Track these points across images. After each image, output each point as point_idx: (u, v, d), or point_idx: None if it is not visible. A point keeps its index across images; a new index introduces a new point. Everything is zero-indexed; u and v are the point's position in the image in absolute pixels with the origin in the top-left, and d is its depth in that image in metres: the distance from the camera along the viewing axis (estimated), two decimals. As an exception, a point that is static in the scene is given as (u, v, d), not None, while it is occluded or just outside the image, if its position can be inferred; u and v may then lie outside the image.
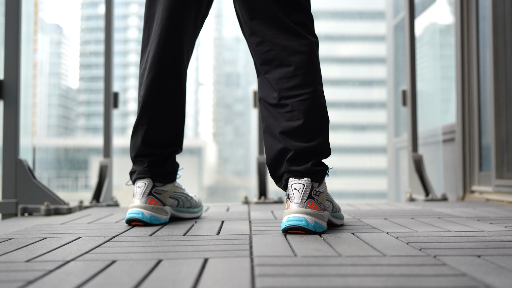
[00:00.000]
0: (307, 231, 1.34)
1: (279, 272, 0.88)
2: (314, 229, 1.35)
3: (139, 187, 1.62)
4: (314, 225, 1.35)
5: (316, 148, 1.42)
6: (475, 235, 1.31)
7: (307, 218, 1.34)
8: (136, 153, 1.67)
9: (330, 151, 1.46)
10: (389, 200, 5.60)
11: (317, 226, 1.36)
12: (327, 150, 1.45)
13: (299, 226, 1.33)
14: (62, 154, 4.69)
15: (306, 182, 1.38)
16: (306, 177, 1.38)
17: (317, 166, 1.42)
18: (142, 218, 1.59)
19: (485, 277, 0.84)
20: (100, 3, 4.06)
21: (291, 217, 1.34)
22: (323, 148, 1.44)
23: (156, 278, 0.86)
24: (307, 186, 1.37)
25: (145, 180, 1.63)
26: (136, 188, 1.63)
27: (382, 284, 0.80)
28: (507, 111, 2.60)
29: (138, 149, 1.66)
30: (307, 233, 1.35)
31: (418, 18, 3.75)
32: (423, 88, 3.63)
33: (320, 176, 1.42)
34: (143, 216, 1.59)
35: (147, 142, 1.66)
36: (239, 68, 33.20)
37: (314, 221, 1.35)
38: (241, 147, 24.25)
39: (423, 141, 3.44)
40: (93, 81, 7.94)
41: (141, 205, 1.60)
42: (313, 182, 1.39)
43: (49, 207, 2.31)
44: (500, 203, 2.48)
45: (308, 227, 1.33)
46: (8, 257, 1.08)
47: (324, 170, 1.43)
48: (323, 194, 1.42)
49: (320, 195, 1.41)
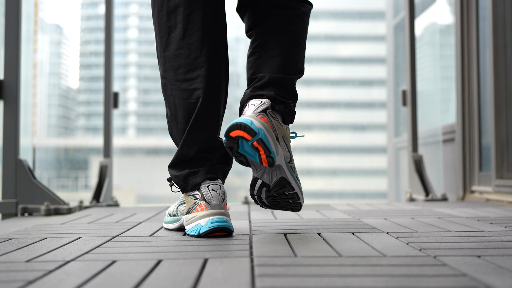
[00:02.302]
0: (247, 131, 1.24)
1: (279, 272, 0.88)
2: (258, 132, 1.24)
3: (214, 190, 1.34)
4: (258, 130, 1.24)
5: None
6: (475, 235, 1.31)
7: (251, 120, 1.26)
8: (201, 147, 1.39)
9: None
10: (389, 200, 5.60)
11: (262, 133, 1.25)
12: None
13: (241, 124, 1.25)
14: (62, 154, 4.69)
15: (266, 100, 1.34)
16: (266, 98, 1.35)
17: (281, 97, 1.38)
18: (230, 227, 1.33)
19: (485, 277, 0.84)
20: (100, 3, 4.06)
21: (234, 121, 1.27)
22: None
23: (156, 278, 0.86)
24: (264, 103, 1.34)
25: (218, 182, 1.37)
26: (210, 191, 1.34)
27: (382, 284, 0.80)
28: (507, 111, 2.60)
29: (205, 142, 1.39)
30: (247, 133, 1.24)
31: (418, 18, 3.75)
32: (423, 88, 3.63)
33: (285, 110, 1.37)
34: (230, 225, 1.34)
35: (215, 134, 1.42)
36: (239, 68, 33.24)
37: (259, 128, 1.25)
38: (241, 147, 24.19)
39: (423, 141, 3.44)
40: (93, 81, 7.94)
41: (223, 212, 1.33)
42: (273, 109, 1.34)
43: (49, 207, 2.31)
44: (500, 203, 2.48)
45: (249, 126, 1.24)
46: (8, 257, 1.08)
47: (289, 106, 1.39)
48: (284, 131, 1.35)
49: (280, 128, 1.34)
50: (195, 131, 1.39)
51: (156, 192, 10.16)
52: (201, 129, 1.39)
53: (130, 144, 14.36)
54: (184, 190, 1.40)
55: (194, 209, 1.36)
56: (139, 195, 9.66)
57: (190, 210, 1.37)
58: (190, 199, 1.38)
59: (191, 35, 1.42)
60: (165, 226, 1.53)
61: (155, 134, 17.82)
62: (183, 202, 1.44)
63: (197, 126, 1.39)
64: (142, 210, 2.23)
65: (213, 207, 1.33)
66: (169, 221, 1.51)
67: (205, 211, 1.33)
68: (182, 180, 1.39)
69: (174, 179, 1.42)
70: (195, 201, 1.36)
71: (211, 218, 1.31)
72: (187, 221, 1.37)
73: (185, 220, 1.39)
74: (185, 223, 1.39)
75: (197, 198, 1.36)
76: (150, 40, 19.42)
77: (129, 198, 8.49)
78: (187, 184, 1.38)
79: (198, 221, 1.33)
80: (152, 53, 21.02)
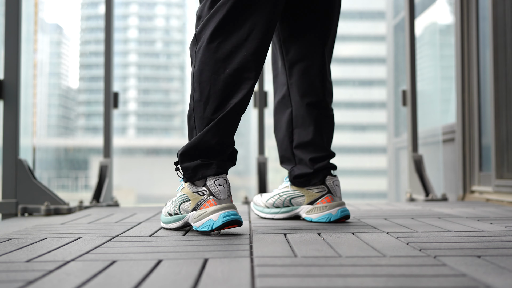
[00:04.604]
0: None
1: (279, 272, 0.88)
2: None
3: (221, 185, 1.39)
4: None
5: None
6: (475, 235, 1.31)
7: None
8: (222, 140, 1.43)
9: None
10: (389, 200, 5.60)
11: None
12: None
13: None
14: (62, 154, 4.69)
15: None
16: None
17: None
18: (241, 219, 1.40)
19: (485, 278, 0.84)
20: (100, 3, 4.06)
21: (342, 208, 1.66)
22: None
23: (156, 278, 0.86)
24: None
25: (224, 176, 1.42)
26: (217, 186, 1.38)
27: (382, 285, 0.80)
28: (507, 111, 2.60)
29: (227, 137, 1.45)
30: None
31: (418, 18, 3.75)
32: (423, 88, 3.63)
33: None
34: (240, 217, 1.40)
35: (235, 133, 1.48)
36: (239, 68, 33.10)
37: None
38: (241, 147, 24.24)
39: (423, 141, 3.44)
40: (93, 81, 7.94)
41: (232, 205, 1.39)
42: None
43: (49, 207, 2.31)
44: (500, 203, 2.48)
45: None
46: (8, 257, 1.08)
47: None
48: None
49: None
50: (224, 124, 1.43)
51: (156, 192, 10.17)
52: (230, 125, 1.44)
53: (130, 144, 14.38)
54: (190, 179, 1.42)
55: (202, 205, 1.38)
56: (139, 195, 9.67)
57: (197, 206, 1.40)
58: (196, 196, 1.40)
59: (253, 40, 1.46)
60: (166, 226, 1.52)
61: (155, 134, 17.84)
62: (186, 199, 1.43)
63: (227, 121, 1.43)
64: (142, 210, 2.23)
65: (222, 202, 1.37)
66: (170, 220, 1.50)
67: (215, 206, 1.36)
68: (192, 170, 1.41)
69: (184, 168, 1.43)
70: (202, 197, 1.39)
71: (223, 213, 1.35)
72: (196, 218, 1.39)
73: (193, 217, 1.40)
74: (192, 220, 1.41)
75: (205, 194, 1.39)
76: (150, 40, 19.43)
77: (129, 198, 8.49)
78: (195, 174, 1.41)
79: (209, 216, 1.36)
80: (152, 53, 20.86)
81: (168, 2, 18.27)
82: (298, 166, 1.74)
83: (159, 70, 17.75)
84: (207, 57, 1.46)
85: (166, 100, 18.38)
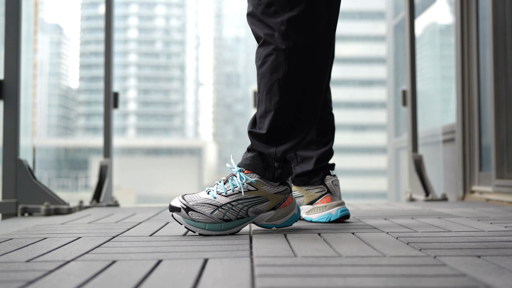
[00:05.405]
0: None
1: (279, 272, 0.88)
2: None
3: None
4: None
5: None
6: (475, 235, 1.31)
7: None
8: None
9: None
10: (389, 200, 5.60)
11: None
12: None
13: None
14: (62, 154, 4.69)
15: None
16: None
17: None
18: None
19: (485, 278, 0.84)
20: (100, 3, 4.06)
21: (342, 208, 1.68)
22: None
23: (156, 278, 0.86)
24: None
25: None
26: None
27: (382, 285, 0.80)
28: (507, 111, 2.60)
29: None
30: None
31: (418, 18, 3.75)
32: (423, 88, 3.63)
33: None
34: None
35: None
36: (239, 68, 33.21)
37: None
38: (241, 147, 24.22)
39: (423, 141, 3.44)
40: (93, 81, 7.94)
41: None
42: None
43: (49, 207, 2.31)
44: (500, 203, 2.48)
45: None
46: (8, 257, 1.08)
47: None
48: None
49: None
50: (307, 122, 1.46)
51: (156, 192, 10.13)
52: (311, 118, 1.47)
53: (130, 144, 14.30)
54: (278, 179, 1.41)
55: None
56: (139, 195, 9.64)
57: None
58: (277, 196, 1.41)
59: (332, 39, 1.47)
60: (216, 233, 1.39)
61: (155, 134, 17.75)
62: (261, 201, 1.39)
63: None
64: (142, 210, 2.23)
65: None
66: (230, 226, 1.40)
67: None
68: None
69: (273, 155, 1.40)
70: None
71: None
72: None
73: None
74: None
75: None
76: (150, 40, 19.31)
77: (129, 198, 8.48)
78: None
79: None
80: (152, 53, 20.88)
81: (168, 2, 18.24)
82: (300, 165, 1.76)
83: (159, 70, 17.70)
84: (302, 44, 1.41)
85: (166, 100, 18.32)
